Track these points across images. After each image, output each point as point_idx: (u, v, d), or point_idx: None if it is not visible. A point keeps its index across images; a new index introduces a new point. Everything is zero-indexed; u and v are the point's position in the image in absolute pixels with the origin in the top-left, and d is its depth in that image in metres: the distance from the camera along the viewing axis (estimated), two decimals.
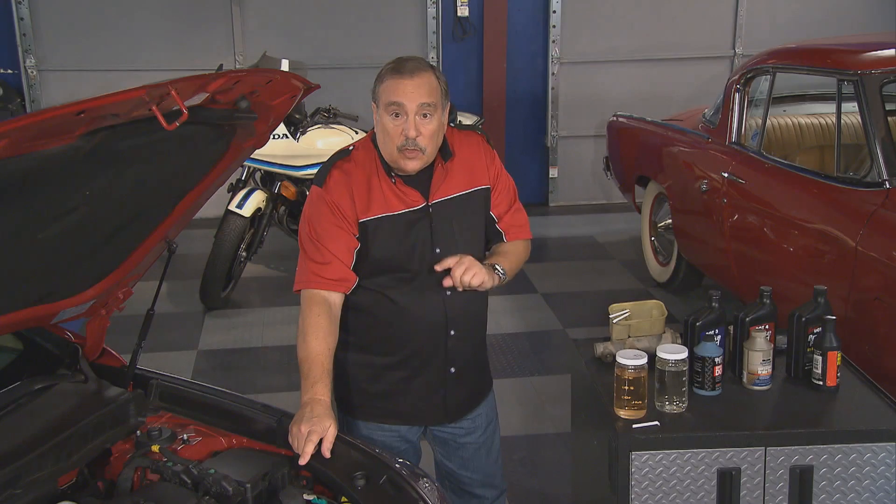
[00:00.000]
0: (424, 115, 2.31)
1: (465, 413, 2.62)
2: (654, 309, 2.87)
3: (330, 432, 2.18)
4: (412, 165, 2.35)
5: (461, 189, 2.45)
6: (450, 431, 2.64)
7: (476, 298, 2.53)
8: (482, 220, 2.52)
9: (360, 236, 2.38)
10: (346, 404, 2.57)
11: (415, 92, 2.30)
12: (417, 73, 2.31)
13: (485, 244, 2.57)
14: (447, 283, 2.34)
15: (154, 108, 1.77)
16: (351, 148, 2.45)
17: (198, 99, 1.95)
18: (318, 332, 2.33)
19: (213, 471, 2.08)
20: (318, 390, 2.27)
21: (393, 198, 2.39)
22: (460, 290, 2.35)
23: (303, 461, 2.15)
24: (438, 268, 2.35)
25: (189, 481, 2.10)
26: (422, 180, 2.41)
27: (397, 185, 2.39)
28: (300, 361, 2.33)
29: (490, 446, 2.72)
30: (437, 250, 2.41)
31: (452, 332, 2.48)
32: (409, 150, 2.32)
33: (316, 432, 2.16)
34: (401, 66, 2.33)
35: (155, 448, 2.22)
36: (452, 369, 2.52)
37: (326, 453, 2.16)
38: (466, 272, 2.31)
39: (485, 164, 2.51)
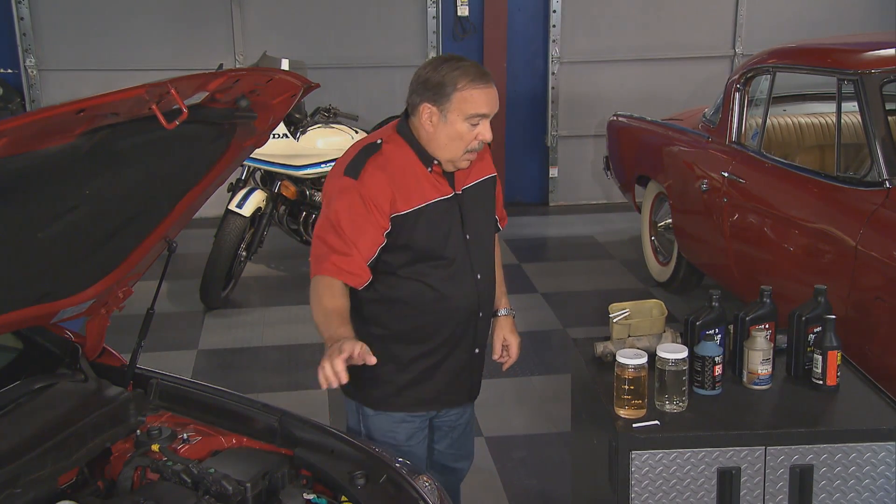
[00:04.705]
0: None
1: (478, 392, 2.72)
2: (654, 308, 2.87)
3: (360, 345, 2.12)
4: (467, 165, 2.46)
5: (478, 177, 2.56)
6: (451, 416, 2.72)
7: (493, 279, 2.65)
8: (493, 207, 2.65)
9: (398, 227, 2.39)
10: (370, 399, 2.57)
11: (495, 101, 2.39)
12: (492, 82, 2.39)
13: None
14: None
15: (154, 106, 1.77)
16: (379, 142, 2.44)
17: (198, 98, 1.95)
18: (332, 292, 2.33)
19: (212, 470, 2.09)
20: (341, 332, 2.22)
21: (429, 187, 2.44)
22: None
23: (343, 379, 2.07)
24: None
25: (189, 480, 2.10)
26: (447, 171, 2.49)
27: (434, 175, 2.45)
28: (318, 319, 2.30)
29: (471, 422, 2.84)
30: (468, 237, 2.51)
31: (481, 315, 2.58)
32: (473, 153, 2.42)
33: (345, 349, 2.09)
34: (481, 74, 2.37)
35: (155, 447, 2.22)
36: (477, 350, 2.61)
37: (371, 359, 2.11)
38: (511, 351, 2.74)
39: (485, 154, 2.59)
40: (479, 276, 2.54)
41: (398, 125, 2.48)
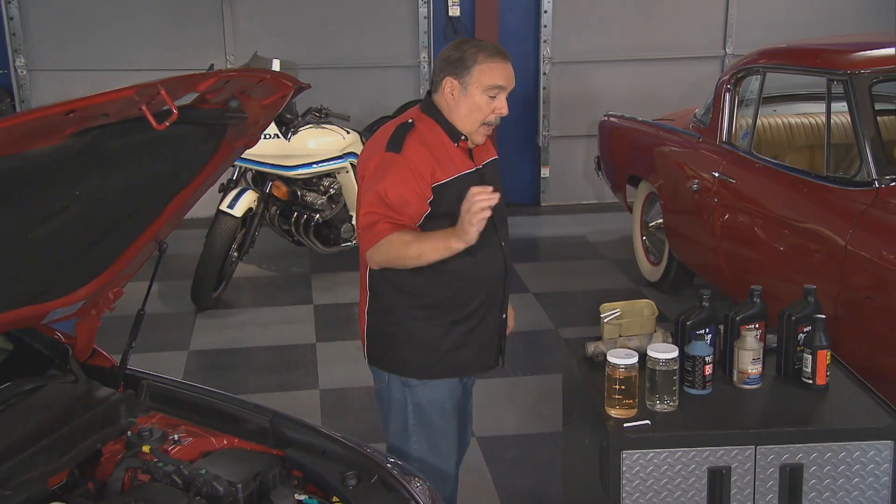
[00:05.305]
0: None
1: (505, 358, 2.85)
2: (644, 308, 2.89)
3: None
4: (482, 139, 2.66)
5: (489, 157, 2.75)
6: (468, 384, 2.88)
7: (511, 249, 2.81)
8: (501, 184, 2.77)
9: (438, 196, 2.55)
10: (417, 370, 2.67)
11: (511, 76, 2.60)
12: (509, 59, 2.60)
13: None
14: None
15: (144, 107, 1.76)
16: (411, 121, 2.61)
17: (188, 99, 1.95)
18: (404, 231, 2.48)
19: (204, 471, 2.09)
20: (447, 230, 2.46)
21: (458, 160, 2.62)
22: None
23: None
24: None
25: (180, 481, 2.10)
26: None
27: (460, 150, 2.63)
28: (420, 248, 2.47)
29: (471, 388, 2.97)
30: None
31: (506, 280, 2.75)
32: (489, 127, 2.62)
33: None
34: (498, 51, 2.59)
35: (146, 448, 2.22)
36: (504, 315, 2.78)
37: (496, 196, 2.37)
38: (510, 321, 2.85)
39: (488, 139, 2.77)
40: (503, 244, 2.71)
41: (422, 106, 2.65)
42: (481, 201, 2.35)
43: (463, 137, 2.62)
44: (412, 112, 2.67)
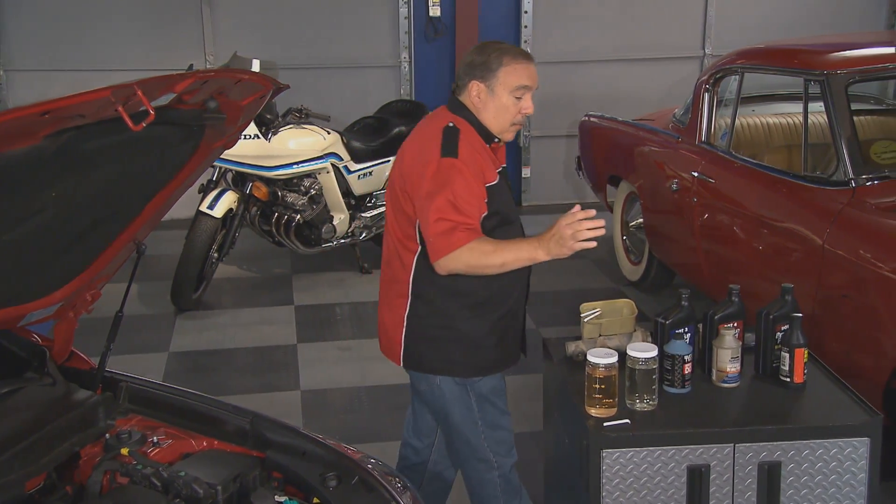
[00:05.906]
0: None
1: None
2: (624, 308, 2.90)
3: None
4: (512, 137, 2.73)
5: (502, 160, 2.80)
6: None
7: None
8: None
9: (489, 196, 2.62)
10: (465, 367, 2.70)
11: (535, 76, 2.68)
12: (532, 59, 2.68)
13: None
14: None
15: (120, 108, 1.75)
16: (452, 124, 2.64)
17: (165, 99, 1.94)
18: (483, 239, 2.52)
19: (183, 473, 2.08)
20: (532, 238, 2.56)
21: (494, 160, 2.71)
22: None
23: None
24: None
25: (159, 484, 2.09)
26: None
27: (492, 149, 2.71)
28: (504, 257, 2.52)
29: None
30: (515, 203, 2.83)
31: (529, 274, 2.83)
32: (517, 126, 2.70)
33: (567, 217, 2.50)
34: (521, 52, 2.68)
35: (124, 451, 2.20)
36: (525, 308, 2.87)
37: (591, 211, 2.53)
38: None
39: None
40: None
41: (452, 108, 2.68)
42: (588, 231, 2.47)
43: (496, 139, 2.68)
44: (445, 115, 2.68)
